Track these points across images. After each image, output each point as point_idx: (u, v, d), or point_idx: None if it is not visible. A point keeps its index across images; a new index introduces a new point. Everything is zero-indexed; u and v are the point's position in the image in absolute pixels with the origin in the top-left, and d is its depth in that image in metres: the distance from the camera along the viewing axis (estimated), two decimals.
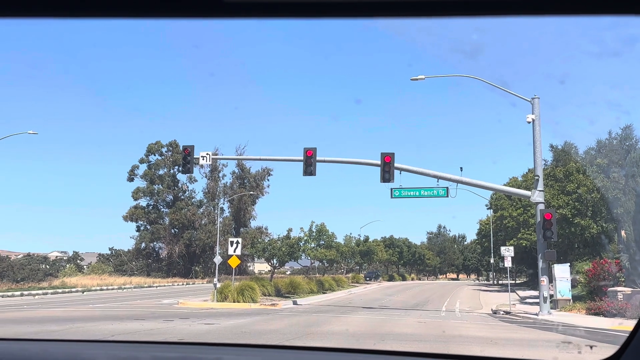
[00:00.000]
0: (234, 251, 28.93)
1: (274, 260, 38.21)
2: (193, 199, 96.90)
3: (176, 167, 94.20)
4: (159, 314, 23.90)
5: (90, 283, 55.65)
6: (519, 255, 61.95)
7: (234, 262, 29.59)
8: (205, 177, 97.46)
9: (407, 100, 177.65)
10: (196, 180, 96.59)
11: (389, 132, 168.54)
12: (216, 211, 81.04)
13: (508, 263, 30.62)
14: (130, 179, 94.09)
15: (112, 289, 52.08)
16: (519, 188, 56.08)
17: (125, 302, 32.92)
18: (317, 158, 28.18)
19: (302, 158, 28.15)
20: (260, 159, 29.37)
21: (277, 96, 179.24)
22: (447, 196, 27.45)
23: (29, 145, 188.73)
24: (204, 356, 2.42)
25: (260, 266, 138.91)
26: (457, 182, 27.26)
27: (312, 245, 42.29)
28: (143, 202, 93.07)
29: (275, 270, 42.36)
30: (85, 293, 46.12)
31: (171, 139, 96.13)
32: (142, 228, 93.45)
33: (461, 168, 27.35)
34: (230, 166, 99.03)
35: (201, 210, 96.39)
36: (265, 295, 32.55)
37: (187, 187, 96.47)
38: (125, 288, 54.83)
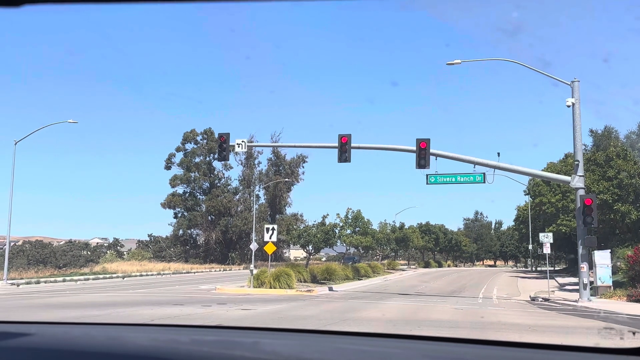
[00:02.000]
0: (270, 238, 29.11)
1: (309, 246, 38.31)
2: (229, 186, 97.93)
3: (212, 154, 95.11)
4: (197, 300, 24.28)
5: (130, 269, 56.77)
6: (558, 241, 60.92)
7: (269, 249, 29.80)
8: (241, 164, 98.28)
9: (444, 83, 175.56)
10: (232, 168, 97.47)
11: (425, 116, 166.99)
12: (252, 198, 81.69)
13: (547, 249, 30.16)
14: (168, 167, 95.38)
15: (152, 275, 53.06)
16: (557, 173, 55.15)
17: (164, 288, 33.52)
18: (352, 145, 28.10)
19: (337, 145, 28.12)
20: (295, 146, 29.45)
21: (313, 81, 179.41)
22: (484, 182, 27.12)
23: (70, 135, 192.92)
24: (242, 340, 2.51)
25: (295, 252, 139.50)
26: (494, 167, 26.88)
27: (348, 231, 42.32)
28: (180, 190, 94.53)
29: (311, 256, 42.50)
30: (125, 279, 47.05)
31: (206, 127, 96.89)
32: (179, 215, 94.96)
33: (498, 153, 26.95)
34: (266, 153, 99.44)
35: (237, 197, 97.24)
36: (300, 282, 32.75)
37: (223, 175, 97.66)
38: (164, 274, 55.84)
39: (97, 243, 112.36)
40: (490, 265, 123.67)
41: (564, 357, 2.10)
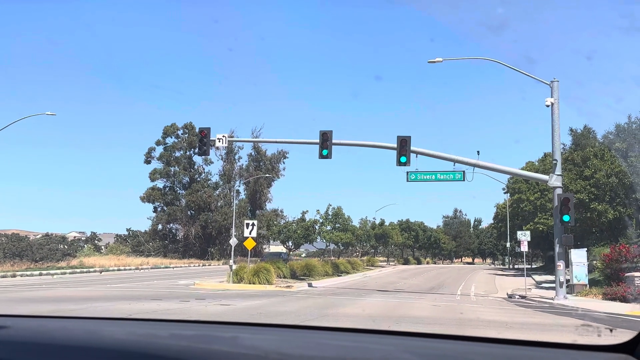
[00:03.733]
0: (250, 233, 29.01)
1: (289, 242, 38.28)
2: (209, 181, 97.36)
3: (192, 149, 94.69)
4: (176, 295, 24.13)
5: (107, 263, 56.20)
6: (536, 239, 61.61)
7: (249, 244, 29.71)
8: (221, 159, 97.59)
9: (427, 79, 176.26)
10: (212, 162, 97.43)
11: (407, 113, 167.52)
12: (232, 193, 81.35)
13: (524, 247, 30.48)
14: (147, 161, 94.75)
15: (130, 270, 52.65)
16: (536, 172, 55.69)
17: (142, 283, 33.27)
18: (333, 141, 28.10)
19: (318, 141, 28.11)
20: (276, 142, 29.33)
21: (295, 75, 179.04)
22: (464, 180, 27.28)
23: (48, 127, 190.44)
24: (221, 334, 2.50)
25: (276, 248, 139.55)
26: (474, 165, 27.07)
27: (328, 228, 42.32)
28: (160, 184, 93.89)
29: (291, 252, 42.47)
30: (103, 273, 46.64)
31: (187, 121, 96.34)
32: (159, 209, 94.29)
33: (478, 152, 27.19)
34: (246, 148, 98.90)
35: (217, 192, 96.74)
36: (280, 278, 32.71)
37: (203, 169, 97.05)
38: (142, 269, 55.44)
39: (75, 237, 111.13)
40: (468, 263, 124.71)
41: (542, 354, 2.11)
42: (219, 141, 28.99)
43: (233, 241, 39.99)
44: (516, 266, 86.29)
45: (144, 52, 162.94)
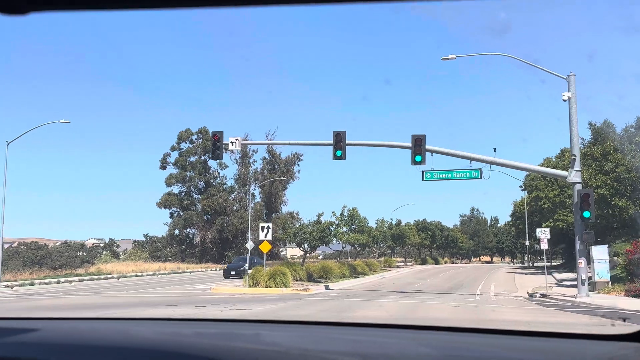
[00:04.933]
0: (265, 236, 28.77)
1: (305, 244, 38.01)
2: (224, 185, 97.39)
3: (207, 153, 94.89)
4: (192, 300, 23.96)
5: (125, 269, 56.38)
6: (555, 237, 60.79)
7: (265, 247, 29.47)
8: (236, 163, 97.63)
9: (436, 82, 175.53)
10: (227, 167, 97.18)
11: (419, 114, 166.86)
12: (247, 197, 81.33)
13: (544, 245, 29.94)
14: (163, 167, 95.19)
15: (147, 275, 52.71)
16: (554, 168, 55.03)
17: (159, 288, 33.19)
18: (347, 142, 27.79)
19: (331, 142, 27.82)
20: (289, 144, 29.14)
21: (309, 80, 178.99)
22: (480, 178, 26.83)
23: (65, 135, 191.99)
24: (243, 332, 2.61)
25: (292, 251, 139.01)
26: (491, 163, 26.62)
27: (344, 229, 41.97)
28: (175, 189, 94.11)
29: (307, 254, 42.23)
30: (120, 279, 46.69)
31: (201, 126, 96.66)
32: (175, 215, 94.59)
33: (494, 149, 26.74)
34: (261, 152, 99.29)
35: (232, 196, 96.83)
36: (297, 280, 32.44)
37: (218, 174, 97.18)
38: (159, 274, 55.49)
39: (93, 244, 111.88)
40: (487, 262, 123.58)
41: (555, 344, 2.15)
42: (232, 144, 28.80)
43: (249, 245, 39.77)
44: (535, 264, 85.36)
45: (159, 63, 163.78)
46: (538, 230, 30.47)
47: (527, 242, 68.19)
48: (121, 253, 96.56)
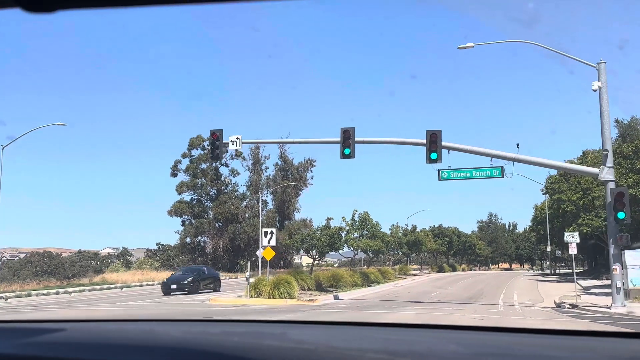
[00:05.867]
0: (269, 242, 26.59)
1: (313, 251, 35.72)
2: (236, 192, 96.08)
3: (218, 160, 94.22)
4: (185, 313, 21.88)
5: (131, 279, 54.49)
6: (579, 242, 58.02)
7: (268, 254, 27.27)
8: (248, 169, 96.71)
9: (458, 76, 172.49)
10: (239, 174, 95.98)
11: (440, 111, 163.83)
12: (259, 203, 79.54)
13: (573, 250, 27.45)
14: (174, 174, 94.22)
15: (153, 285, 50.69)
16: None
17: (157, 299, 31.19)
18: (356, 139, 25.62)
19: (339, 139, 25.67)
20: (294, 142, 26.97)
21: (329, 76, 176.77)
22: (502, 176, 24.46)
23: (78, 144, 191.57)
24: (270, 330, 2.56)
25: (307, 259, 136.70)
26: (513, 160, 24.23)
27: (356, 235, 39.61)
28: (187, 197, 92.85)
29: (317, 261, 39.98)
30: (124, 289, 44.80)
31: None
32: (187, 222, 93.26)
33: (518, 144, 24.14)
34: (273, 158, 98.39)
35: (245, 203, 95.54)
36: (304, 290, 30.15)
37: (230, 181, 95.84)
38: None
39: (108, 253, 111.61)
40: (505, 269, 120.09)
41: (588, 342, 2.10)
42: (233, 144, 26.76)
43: (259, 252, 37.92)
44: (557, 271, 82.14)
45: (173, 67, 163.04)
46: (566, 234, 27.90)
47: (548, 248, 65.34)
48: (134, 262, 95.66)
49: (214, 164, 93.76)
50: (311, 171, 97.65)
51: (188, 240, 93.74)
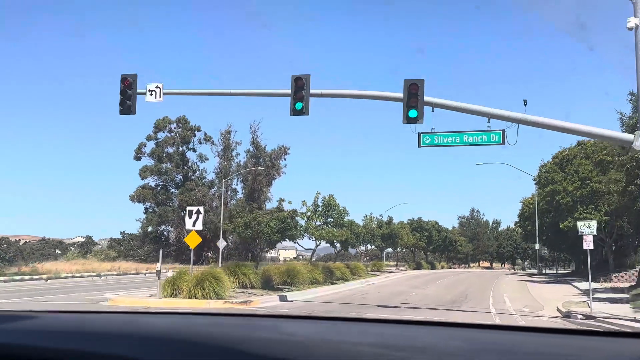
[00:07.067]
0: (194, 225, 20.26)
1: (260, 240, 29.35)
2: (204, 180, 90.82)
3: (185, 144, 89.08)
4: None
5: (68, 269, 47.84)
6: (570, 239, 52.55)
7: (192, 241, 20.89)
8: (217, 155, 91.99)
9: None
10: (207, 159, 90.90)
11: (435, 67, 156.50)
12: (222, 189, 73.34)
13: (588, 245, 21.34)
14: (138, 158, 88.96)
15: (89, 277, 44.03)
16: (571, 160, 46.47)
17: (63, 295, 24.86)
18: (312, 91, 19.35)
19: (289, 91, 19.38)
20: (231, 94, 20.52)
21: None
22: (503, 143, 18.26)
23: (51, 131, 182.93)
24: (261, 323, 2.42)
25: (285, 253, 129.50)
26: (519, 122, 18.08)
27: (318, 223, 33.20)
28: (152, 183, 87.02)
29: (263, 252, 33.64)
30: (49, 281, 38.23)
31: (180, 115, 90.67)
32: (150, 210, 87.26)
33: (525, 101, 17.95)
34: (244, 144, 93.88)
35: (212, 191, 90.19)
36: (245, 288, 23.72)
37: (198, 167, 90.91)
38: (105, 275, 46.77)
39: (79, 241, 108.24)
40: (486, 268, 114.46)
41: (588, 342, 2.01)
42: (151, 94, 20.28)
43: (221, 243, 32.08)
44: (543, 271, 76.40)
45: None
46: (580, 223, 21.70)
47: (536, 246, 59.70)
48: (92, 252, 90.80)
49: (180, 148, 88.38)
50: (285, 159, 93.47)
51: (150, 229, 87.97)
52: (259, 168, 74.51)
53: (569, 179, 44.38)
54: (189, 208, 20.69)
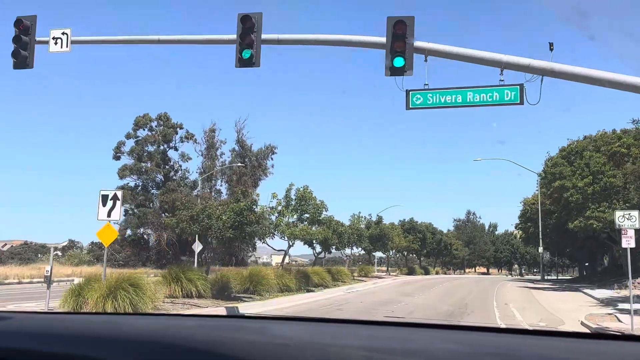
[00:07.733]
0: (108, 215, 15.40)
1: (210, 238, 24.42)
2: (186, 180, 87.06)
3: (166, 143, 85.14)
4: None
5: (25, 273, 43.19)
6: (581, 241, 47.96)
7: (107, 236, 15.98)
8: (201, 155, 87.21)
9: None
10: (190, 159, 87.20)
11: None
12: (199, 184, 68.49)
13: (629, 242, 16.35)
14: (117, 157, 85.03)
15: (29, 283, 39.21)
16: (583, 152, 41.88)
17: None
18: (264, 36, 14.51)
19: (234, 37, 14.55)
20: (159, 41, 15.72)
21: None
22: (521, 102, 13.41)
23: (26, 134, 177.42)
24: (248, 325, 2.36)
25: (278, 257, 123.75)
26: (543, 72, 13.24)
27: (292, 219, 28.17)
28: (131, 183, 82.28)
29: (213, 252, 28.65)
30: None
31: (162, 112, 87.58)
32: (129, 212, 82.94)
33: (551, 44, 13.13)
34: (229, 143, 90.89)
35: (195, 192, 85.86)
36: (189, 297, 18.86)
37: (180, 166, 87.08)
38: (64, 281, 41.78)
39: (64, 245, 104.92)
40: (483, 273, 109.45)
41: (591, 345, 1.98)
42: (56, 42, 15.41)
43: (197, 246, 27.61)
44: (547, 277, 71.64)
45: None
46: (618, 213, 16.63)
47: (540, 249, 54.97)
48: (66, 255, 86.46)
49: (161, 147, 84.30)
50: (272, 158, 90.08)
51: (129, 232, 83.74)
52: (239, 165, 70.02)
53: (579, 173, 39.61)
54: (102, 193, 15.68)
